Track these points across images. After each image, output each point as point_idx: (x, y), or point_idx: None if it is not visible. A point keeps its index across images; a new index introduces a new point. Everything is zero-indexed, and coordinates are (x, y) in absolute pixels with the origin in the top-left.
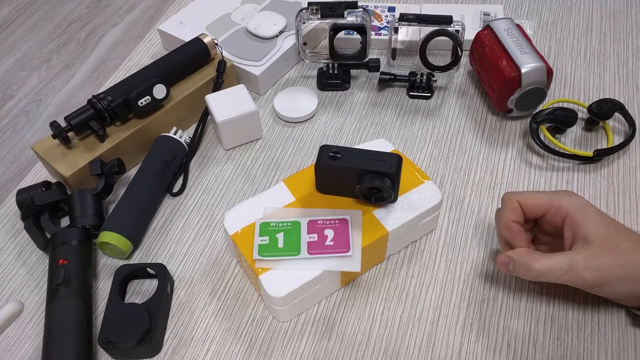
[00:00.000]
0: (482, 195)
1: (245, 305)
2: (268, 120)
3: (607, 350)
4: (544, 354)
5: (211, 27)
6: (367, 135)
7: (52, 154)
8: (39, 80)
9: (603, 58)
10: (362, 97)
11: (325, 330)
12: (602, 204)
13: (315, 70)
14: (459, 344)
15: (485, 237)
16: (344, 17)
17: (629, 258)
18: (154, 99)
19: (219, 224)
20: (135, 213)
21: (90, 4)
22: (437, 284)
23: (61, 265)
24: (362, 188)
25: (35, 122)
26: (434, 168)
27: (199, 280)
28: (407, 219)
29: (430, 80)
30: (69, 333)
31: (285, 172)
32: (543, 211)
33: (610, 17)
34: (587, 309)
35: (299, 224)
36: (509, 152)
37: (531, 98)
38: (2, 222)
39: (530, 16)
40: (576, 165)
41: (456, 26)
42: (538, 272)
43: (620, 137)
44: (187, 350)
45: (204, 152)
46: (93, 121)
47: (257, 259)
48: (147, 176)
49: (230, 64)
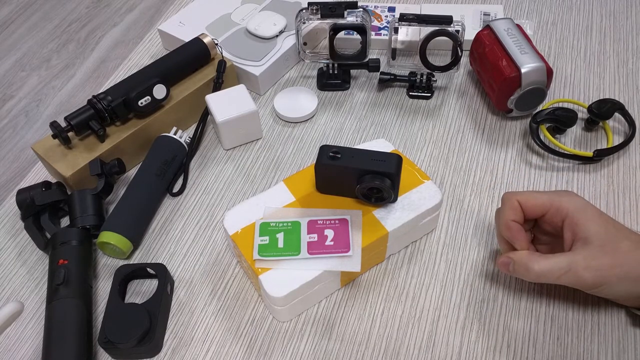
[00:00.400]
0: (482, 195)
1: (245, 305)
2: (268, 120)
3: (607, 350)
4: (544, 354)
5: (211, 27)
6: (367, 135)
7: (52, 154)
8: (39, 80)
9: (603, 58)
10: (362, 97)
11: (325, 330)
12: (602, 204)
13: (315, 70)
14: (459, 344)
15: (485, 237)
16: (344, 17)
17: (628, 258)
18: (154, 99)
19: (219, 224)
20: (135, 213)
21: (90, 4)
22: (437, 284)
23: (61, 265)
24: (362, 188)
25: (35, 122)
26: (434, 168)
27: (199, 280)
28: (407, 219)
29: (430, 80)
30: (69, 333)
31: (285, 172)
32: (543, 211)
33: (610, 17)
34: (587, 309)
35: (299, 224)
36: (509, 152)
37: (531, 98)
38: (2, 222)
39: (530, 16)
40: (576, 165)
41: (456, 26)
42: (537, 272)
43: (620, 137)
44: (187, 350)
45: (204, 152)
46: (93, 121)
47: (257, 259)
48: (147, 176)
49: (230, 64)
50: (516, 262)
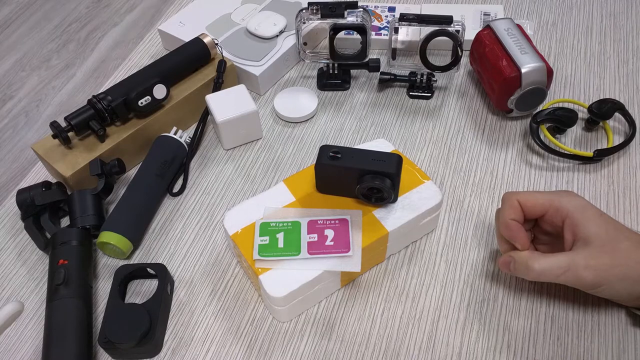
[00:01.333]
0: (482, 196)
1: (245, 306)
2: (268, 120)
3: (607, 350)
4: (544, 354)
5: (211, 27)
6: (367, 135)
7: (52, 154)
8: (39, 80)
9: (603, 58)
10: (362, 97)
11: (325, 331)
12: (602, 204)
13: (315, 70)
14: (459, 344)
15: (485, 238)
16: (344, 17)
17: (629, 259)
18: (154, 99)
19: (219, 224)
20: (135, 213)
21: (90, 4)
22: (437, 284)
23: (61, 265)
24: (362, 188)
25: (35, 122)
26: (434, 168)
27: (199, 280)
28: (407, 219)
29: (431, 80)
30: (69, 333)
31: (285, 172)
32: (543, 211)
33: (610, 17)
34: (587, 309)
35: (299, 224)
36: (509, 152)
37: (531, 98)
38: (2, 222)
39: (530, 16)
40: (576, 165)
41: (456, 26)
42: (537, 271)
43: (620, 137)
44: (187, 350)
45: (204, 152)
46: (93, 121)
47: (257, 259)
48: (147, 176)
49: (231, 64)
50: (517, 261)
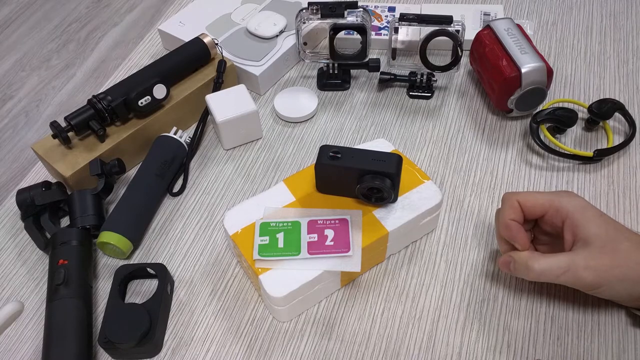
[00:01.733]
0: (482, 196)
1: (245, 305)
2: (268, 120)
3: (607, 350)
4: (544, 354)
5: (211, 27)
6: (367, 135)
7: (52, 154)
8: (39, 80)
9: (603, 58)
10: (362, 97)
11: (325, 331)
12: (602, 204)
13: (315, 70)
14: (459, 344)
15: (485, 238)
16: (344, 17)
17: (629, 259)
18: (154, 99)
19: (219, 224)
20: (135, 213)
21: (90, 4)
22: (437, 284)
23: (61, 265)
24: (362, 188)
25: (35, 122)
26: (434, 168)
27: (199, 280)
28: (407, 219)
29: (431, 80)
30: (69, 333)
31: (285, 172)
32: (543, 211)
33: (610, 17)
34: (587, 309)
35: (299, 224)
36: (509, 152)
37: (531, 98)
38: (2, 222)
39: (530, 16)
40: (576, 165)
41: (456, 26)
42: (537, 271)
43: (620, 137)
44: (187, 350)
45: (204, 152)
46: (93, 121)
47: (257, 259)
48: (147, 176)
49: (231, 64)
50: (517, 261)
